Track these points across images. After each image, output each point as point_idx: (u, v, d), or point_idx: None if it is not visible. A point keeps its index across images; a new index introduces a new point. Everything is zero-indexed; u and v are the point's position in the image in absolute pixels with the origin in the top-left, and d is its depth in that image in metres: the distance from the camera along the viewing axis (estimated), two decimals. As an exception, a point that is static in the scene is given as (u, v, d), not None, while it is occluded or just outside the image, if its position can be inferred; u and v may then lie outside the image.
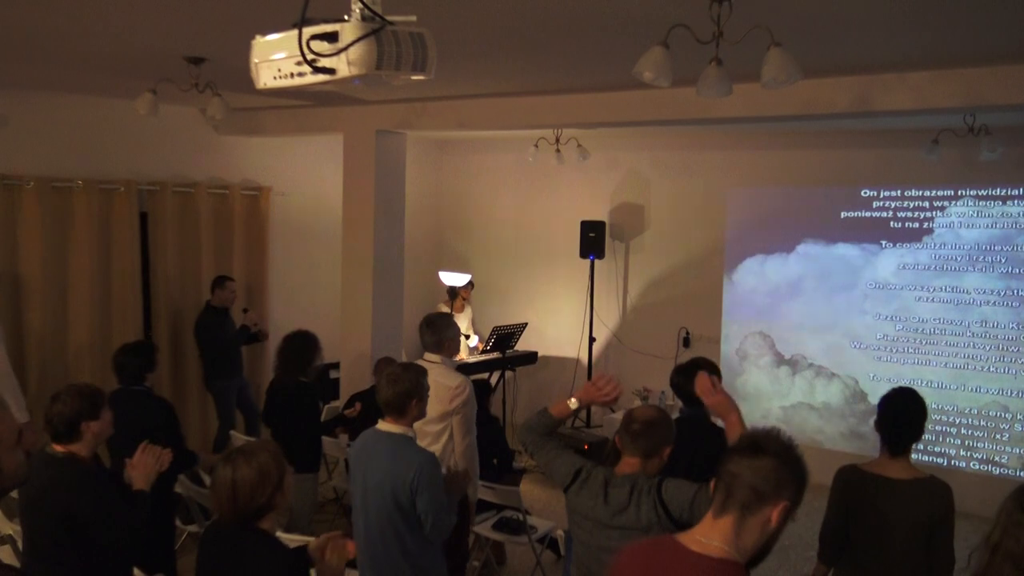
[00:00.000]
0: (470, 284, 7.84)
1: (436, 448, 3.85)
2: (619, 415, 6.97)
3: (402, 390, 3.00)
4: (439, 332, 3.95)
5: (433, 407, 3.63)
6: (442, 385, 3.82)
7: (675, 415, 3.24)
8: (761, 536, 1.73)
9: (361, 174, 6.03)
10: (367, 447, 3.10)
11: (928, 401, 2.99)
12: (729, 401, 2.68)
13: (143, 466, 3.07)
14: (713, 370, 3.45)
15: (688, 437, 3.01)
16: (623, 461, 2.59)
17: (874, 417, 3.00)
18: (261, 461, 2.29)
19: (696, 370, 3.40)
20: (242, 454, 2.31)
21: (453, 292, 7.57)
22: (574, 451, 2.77)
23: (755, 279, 7.07)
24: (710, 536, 1.74)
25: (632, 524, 2.47)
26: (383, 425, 3.06)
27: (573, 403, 2.82)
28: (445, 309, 7.53)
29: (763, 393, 7.04)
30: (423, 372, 3.12)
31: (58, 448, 2.96)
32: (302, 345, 4.56)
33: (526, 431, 2.82)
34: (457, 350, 4.04)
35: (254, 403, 6.30)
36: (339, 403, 5.90)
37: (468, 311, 7.94)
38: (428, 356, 3.96)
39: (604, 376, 2.85)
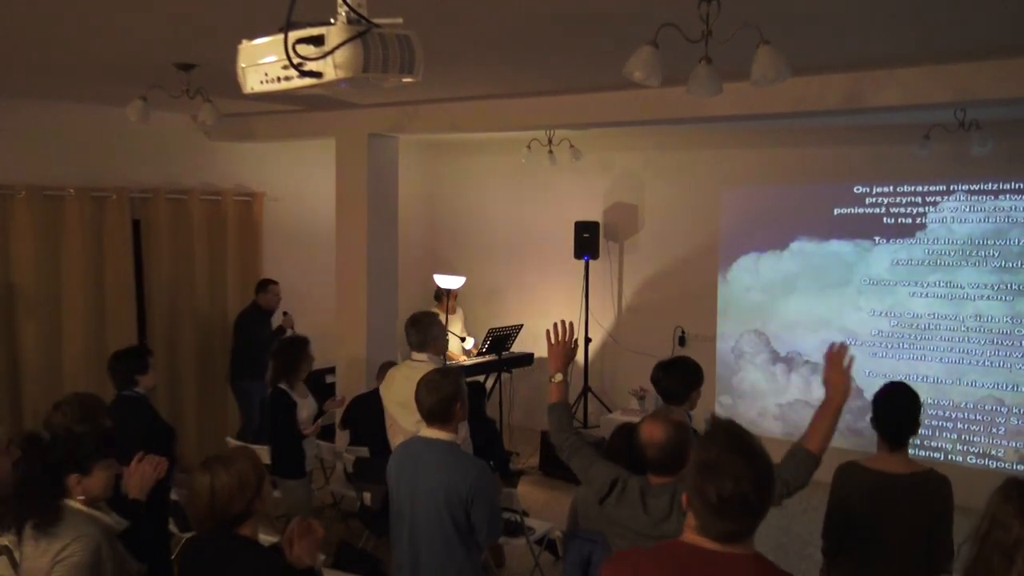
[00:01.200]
0: (451, 290, 7.80)
1: None
2: (617, 415, 6.97)
3: (445, 395, 2.96)
4: (424, 330, 3.93)
5: None
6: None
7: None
8: None
9: (354, 178, 6.02)
10: (412, 455, 3.04)
11: (924, 396, 3.01)
12: (847, 389, 2.49)
13: (140, 475, 3.05)
14: (697, 371, 3.44)
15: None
16: (651, 475, 2.53)
17: (870, 414, 3.00)
18: (240, 468, 2.29)
19: (681, 369, 3.40)
20: (219, 461, 2.31)
21: (438, 294, 7.57)
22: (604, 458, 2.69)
23: (749, 277, 7.07)
24: None
25: (676, 532, 2.41)
26: (428, 432, 3.00)
27: (558, 377, 2.81)
28: (440, 310, 7.52)
29: (759, 391, 7.04)
30: (461, 373, 3.09)
31: None
32: (288, 351, 4.56)
33: (556, 434, 2.76)
34: (444, 348, 4.05)
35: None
36: (336, 404, 5.89)
37: (460, 312, 7.92)
38: (415, 355, 3.95)
39: (553, 330, 2.84)
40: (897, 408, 2.89)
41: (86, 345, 6.03)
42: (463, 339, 7.43)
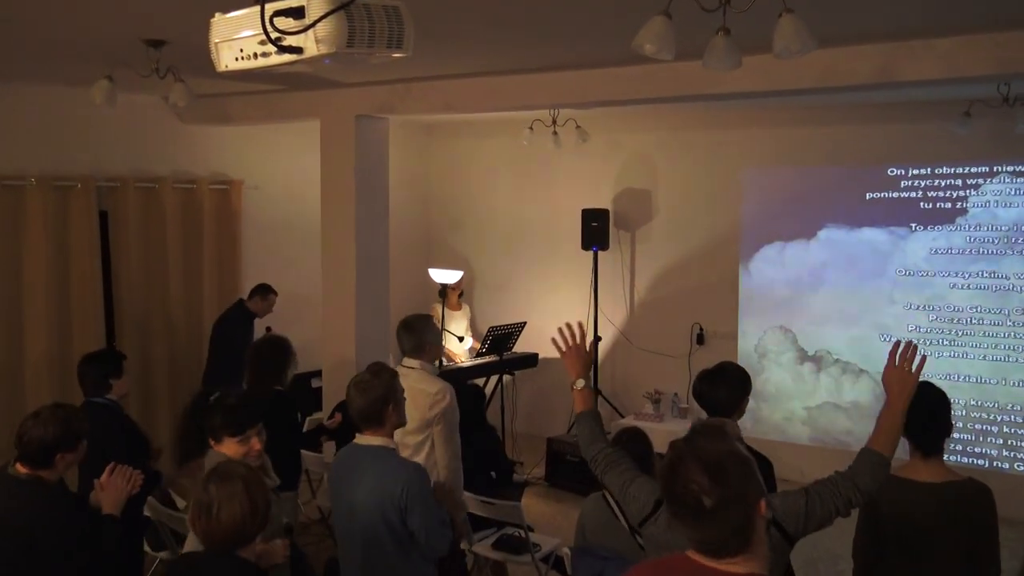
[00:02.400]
0: (459, 281, 7.81)
1: (418, 460, 3.84)
2: (629, 420, 6.97)
3: (375, 397, 2.99)
4: (419, 335, 3.95)
5: (412, 416, 3.64)
6: (420, 391, 3.82)
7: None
8: (765, 535, 1.76)
9: (340, 164, 6.02)
10: (347, 463, 3.09)
11: (967, 397, 3.00)
12: (910, 391, 2.45)
13: (113, 489, 3.06)
14: (745, 379, 3.43)
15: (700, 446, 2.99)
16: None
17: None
18: (253, 491, 2.29)
19: (727, 377, 3.38)
20: (229, 478, 2.30)
21: (443, 291, 7.56)
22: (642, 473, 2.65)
23: (774, 269, 7.07)
24: None
25: None
26: (361, 439, 3.05)
27: (579, 384, 2.79)
28: (439, 309, 7.52)
29: (785, 393, 7.04)
30: (394, 374, 3.11)
31: (22, 470, 2.96)
32: (273, 352, 4.56)
33: (587, 446, 2.72)
34: (439, 355, 4.05)
35: None
36: (323, 415, 5.90)
37: (466, 310, 7.93)
38: (407, 361, 3.96)
39: (563, 333, 2.84)
40: (923, 410, 2.89)
41: (49, 348, 6.05)
42: (461, 339, 7.43)
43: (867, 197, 6.69)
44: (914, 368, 2.49)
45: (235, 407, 3.03)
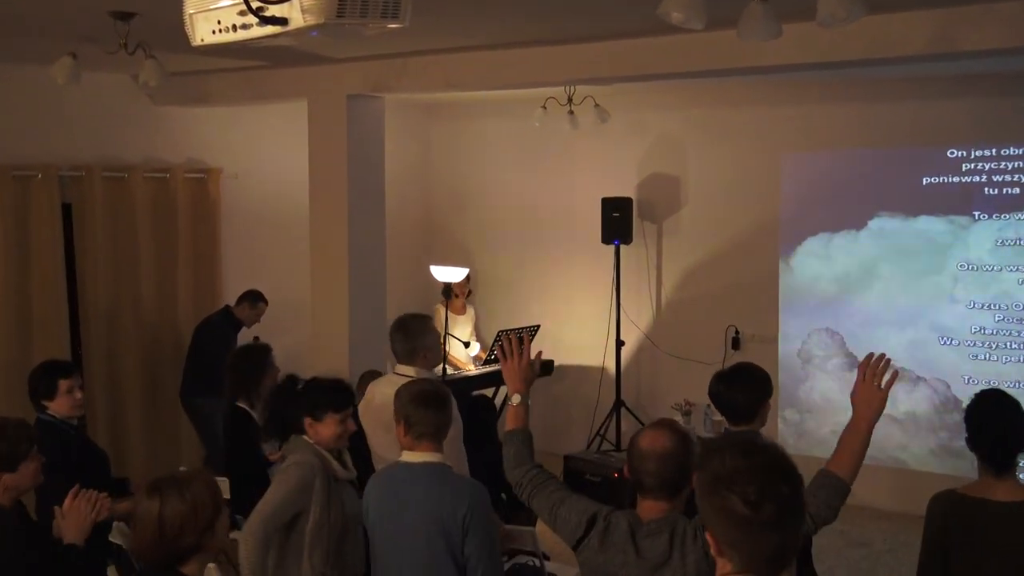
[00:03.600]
0: (466, 281, 7.82)
1: None
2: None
3: (447, 417, 3.07)
4: (413, 338, 3.94)
5: None
6: None
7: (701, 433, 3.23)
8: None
9: (330, 149, 6.03)
10: (395, 485, 3.08)
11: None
12: (879, 409, 2.54)
13: (76, 515, 3.06)
14: (765, 381, 3.44)
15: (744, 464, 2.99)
16: (643, 504, 2.51)
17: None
18: (195, 493, 2.32)
19: (746, 378, 3.41)
20: (171, 483, 2.33)
21: (448, 291, 7.56)
22: (580, 491, 2.72)
23: (819, 263, 7.04)
24: None
25: None
26: (411, 456, 3.06)
27: (515, 399, 2.89)
28: (442, 312, 7.53)
29: (832, 404, 7.01)
30: (450, 396, 3.16)
31: None
32: (245, 360, 4.61)
33: (513, 469, 2.80)
34: (437, 361, 4.09)
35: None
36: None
37: (470, 313, 7.92)
38: (400, 368, 3.96)
39: (505, 340, 2.95)
40: (994, 422, 2.86)
41: (7, 356, 6.08)
42: (467, 344, 7.44)
43: (924, 182, 6.65)
44: (884, 384, 2.54)
45: (338, 383, 3.42)
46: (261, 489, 4.50)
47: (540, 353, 2.96)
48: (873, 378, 2.55)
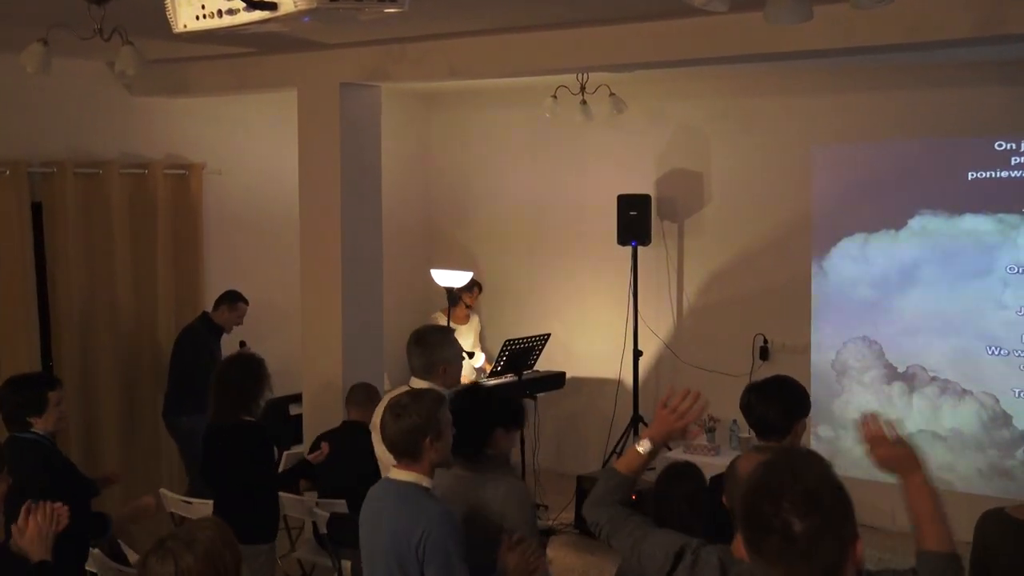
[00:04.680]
0: (474, 285, 7.83)
1: None
2: (677, 453, 6.93)
3: (409, 426, 3.06)
4: (432, 352, 3.95)
5: None
6: None
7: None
8: None
9: (322, 143, 6.04)
10: (374, 503, 3.18)
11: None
12: (911, 455, 2.43)
13: (35, 530, 3.08)
14: (802, 396, 3.42)
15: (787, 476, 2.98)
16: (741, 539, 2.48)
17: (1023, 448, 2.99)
18: (208, 546, 2.28)
19: (780, 391, 3.41)
20: (180, 540, 2.29)
21: (453, 297, 7.57)
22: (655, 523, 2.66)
23: (855, 266, 7.03)
24: None
25: None
26: (394, 472, 3.14)
27: (644, 446, 2.77)
28: (443, 320, 7.53)
29: (870, 419, 6.99)
30: (440, 400, 3.16)
31: None
32: (242, 373, 4.59)
33: (592, 507, 2.76)
34: (457, 377, 4.05)
35: None
36: (303, 449, 5.91)
37: (474, 321, 7.92)
38: (414, 381, 3.97)
39: (677, 393, 2.81)
40: None
41: (-27, 369, 6.10)
42: (471, 355, 7.44)
43: (969, 177, 6.64)
44: (894, 436, 2.47)
45: (513, 401, 3.67)
46: (270, 512, 4.56)
47: (699, 430, 2.83)
48: (884, 438, 2.48)
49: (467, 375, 7.49)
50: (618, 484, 2.77)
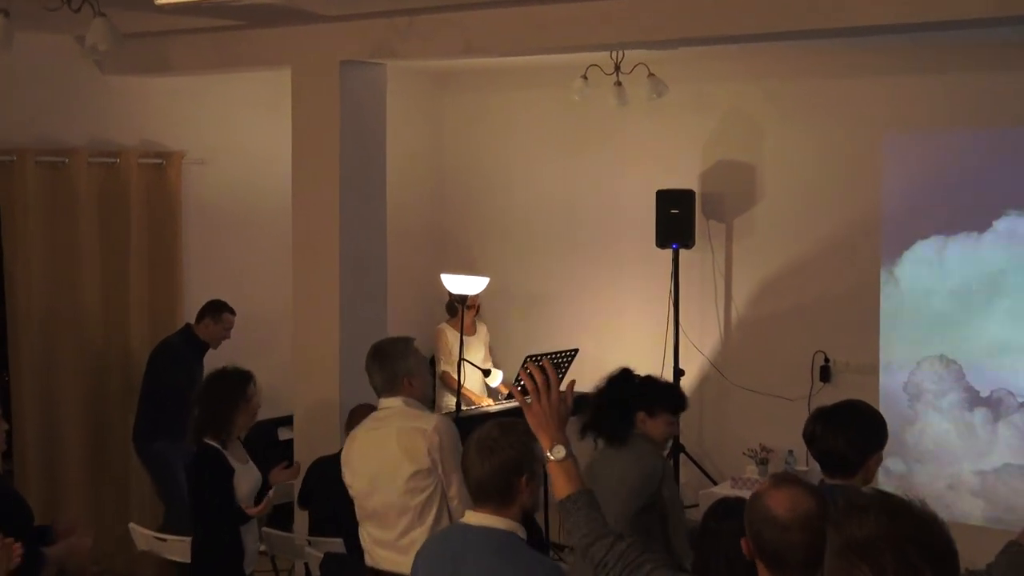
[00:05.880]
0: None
1: (421, 532, 3.89)
2: (724, 488, 6.89)
3: (504, 461, 2.99)
4: (392, 364, 4.08)
5: (402, 468, 3.79)
6: (408, 431, 3.94)
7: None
8: None
9: (319, 129, 6.04)
10: (441, 559, 3.05)
11: None
12: None
13: None
14: (878, 425, 3.44)
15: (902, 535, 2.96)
16: None
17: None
18: None
19: (852, 419, 3.38)
20: None
21: (452, 306, 7.56)
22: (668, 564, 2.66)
23: (931, 274, 6.99)
24: None
25: None
26: (474, 517, 3.04)
27: (558, 452, 2.75)
28: (449, 333, 7.52)
29: (948, 450, 6.94)
30: (531, 435, 3.03)
31: None
32: (214, 391, 4.67)
33: (587, 545, 2.70)
34: (426, 388, 4.18)
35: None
36: (295, 480, 5.92)
37: (482, 332, 7.89)
38: (383, 402, 4.11)
39: (524, 374, 2.88)
40: None
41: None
42: (487, 372, 7.42)
43: (1065, 172, 6.60)
44: None
45: (676, 386, 4.34)
46: (232, 549, 4.57)
47: (572, 384, 2.86)
48: None
49: (482, 394, 7.49)
50: (588, 504, 2.72)
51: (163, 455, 6.34)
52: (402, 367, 4.07)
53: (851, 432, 3.41)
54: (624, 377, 4.60)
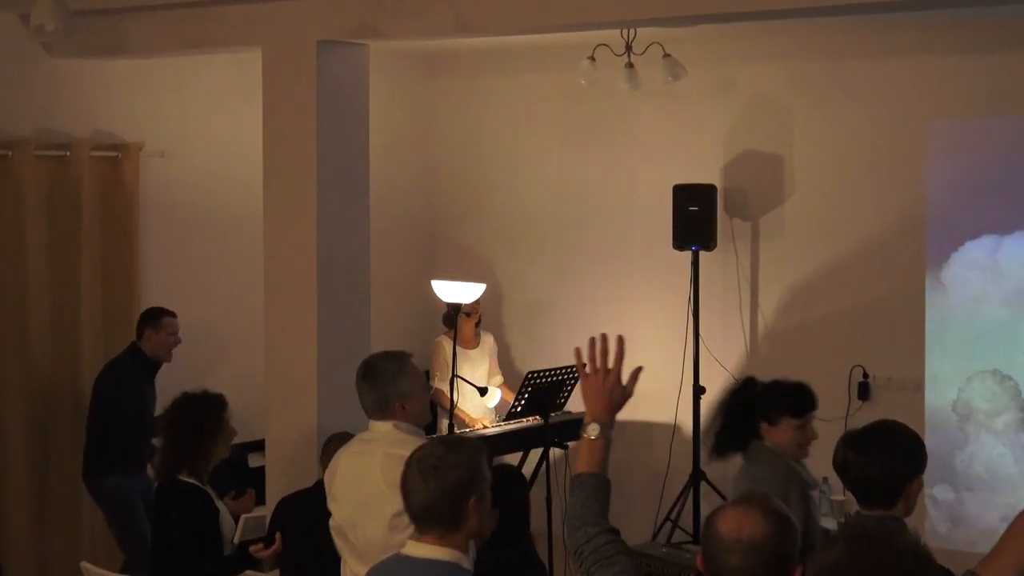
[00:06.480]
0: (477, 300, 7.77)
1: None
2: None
3: (449, 485, 3.01)
4: (384, 385, 4.07)
5: (387, 503, 3.78)
6: (394, 460, 3.84)
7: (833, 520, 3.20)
8: None
9: (293, 117, 6.03)
10: None
11: None
12: None
13: None
14: (916, 448, 3.45)
15: (866, 566, 2.97)
16: None
17: None
18: None
19: (887, 442, 3.39)
20: None
21: (451, 317, 7.53)
22: None
23: (982, 278, 7.00)
24: None
25: None
26: (416, 548, 3.07)
27: (592, 430, 2.88)
28: (448, 346, 7.50)
29: (1003, 477, 6.93)
30: (480, 451, 3.15)
31: None
32: (189, 419, 4.67)
33: (576, 529, 2.84)
34: (422, 413, 4.19)
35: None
36: (266, 511, 5.89)
37: (487, 344, 7.87)
38: (373, 426, 4.11)
39: (589, 348, 2.94)
40: None
41: None
42: (483, 391, 7.40)
43: None
44: None
45: (798, 386, 4.55)
46: None
47: (639, 371, 2.97)
48: None
49: (481, 416, 7.47)
50: (594, 488, 2.86)
51: (119, 492, 6.32)
52: (394, 390, 4.06)
53: (888, 457, 3.43)
54: (744, 386, 4.81)
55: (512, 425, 7.23)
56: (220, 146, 7.39)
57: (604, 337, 2.94)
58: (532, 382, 7.11)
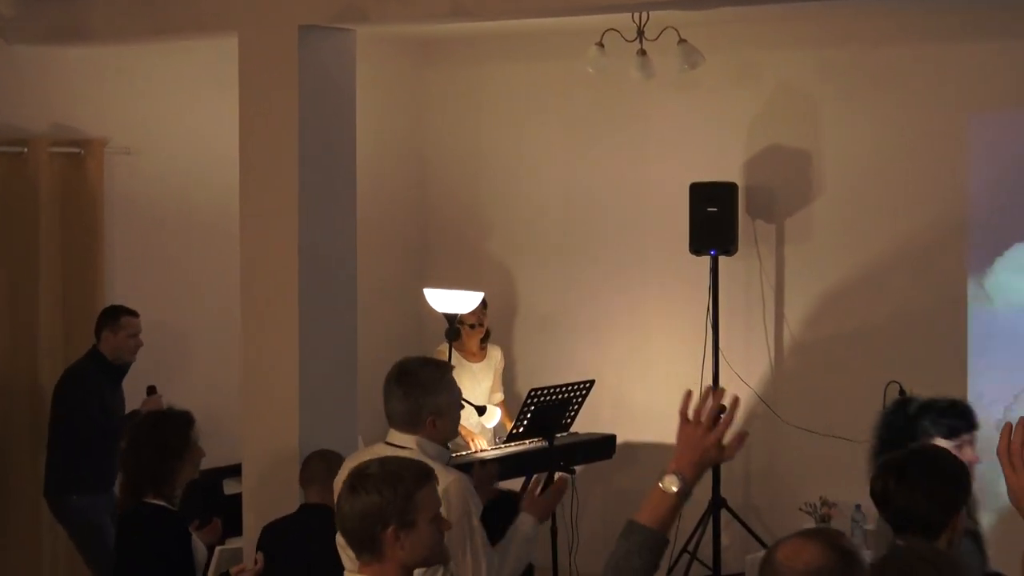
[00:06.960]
0: (483, 310, 7.76)
1: None
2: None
3: (364, 507, 2.97)
4: (420, 395, 3.99)
5: None
6: None
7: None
8: None
9: (273, 109, 6.03)
10: None
11: None
12: None
13: None
14: (960, 476, 3.46)
15: None
16: None
17: None
18: None
19: (929, 471, 3.38)
20: None
21: (453, 329, 7.51)
22: None
23: (1029, 286, 6.98)
24: None
25: None
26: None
27: (671, 483, 2.82)
28: (446, 354, 7.48)
29: (1052, 504, 6.90)
30: (424, 474, 3.08)
31: None
32: (154, 438, 4.63)
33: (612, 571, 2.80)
34: (451, 431, 4.12)
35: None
36: (242, 542, 5.87)
37: (493, 359, 7.84)
38: (394, 436, 4.02)
39: (709, 396, 2.96)
40: None
41: None
42: (481, 410, 7.38)
43: None
44: None
45: (952, 405, 4.70)
46: None
47: (745, 435, 3.01)
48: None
49: (479, 437, 7.43)
50: (642, 543, 2.78)
51: (84, 512, 6.31)
52: (430, 403, 3.98)
53: (933, 485, 3.42)
54: (897, 408, 4.85)
55: (515, 447, 7.19)
56: (193, 141, 7.38)
57: (719, 394, 2.96)
58: (536, 400, 7.08)
